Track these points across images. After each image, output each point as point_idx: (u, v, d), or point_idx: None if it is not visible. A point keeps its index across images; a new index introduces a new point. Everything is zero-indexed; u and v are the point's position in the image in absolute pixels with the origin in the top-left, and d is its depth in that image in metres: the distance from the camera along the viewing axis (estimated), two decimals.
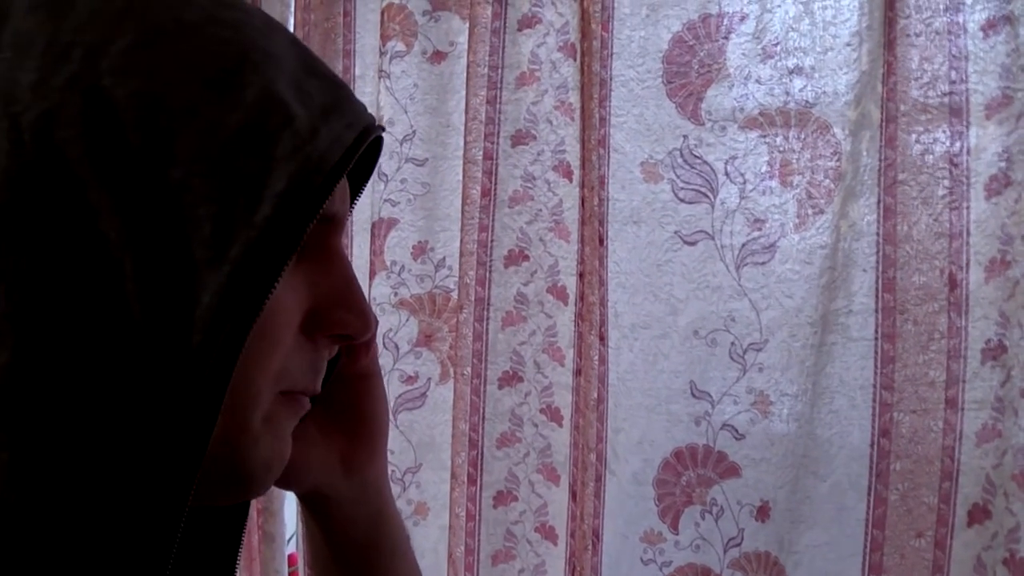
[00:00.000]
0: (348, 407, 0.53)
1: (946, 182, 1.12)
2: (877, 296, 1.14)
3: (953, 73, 1.13)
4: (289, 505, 1.47)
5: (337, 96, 0.41)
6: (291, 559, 1.50)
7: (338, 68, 1.40)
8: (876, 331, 1.14)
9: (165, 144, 0.35)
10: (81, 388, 0.33)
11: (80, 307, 0.33)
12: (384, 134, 0.47)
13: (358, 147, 0.40)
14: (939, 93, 1.13)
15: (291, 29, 1.43)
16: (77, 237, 0.33)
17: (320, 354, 0.45)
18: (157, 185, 0.34)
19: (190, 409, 0.34)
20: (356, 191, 0.50)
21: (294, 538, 1.53)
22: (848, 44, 1.18)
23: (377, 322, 0.54)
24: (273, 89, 0.38)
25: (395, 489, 1.32)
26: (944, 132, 1.14)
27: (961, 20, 1.13)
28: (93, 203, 0.34)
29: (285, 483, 0.53)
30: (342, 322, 0.44)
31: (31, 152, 0.33)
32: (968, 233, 1.11)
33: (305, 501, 0.54)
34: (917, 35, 1.13)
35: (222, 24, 0.38)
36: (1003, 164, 1.10)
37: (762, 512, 1.18)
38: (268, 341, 0.39)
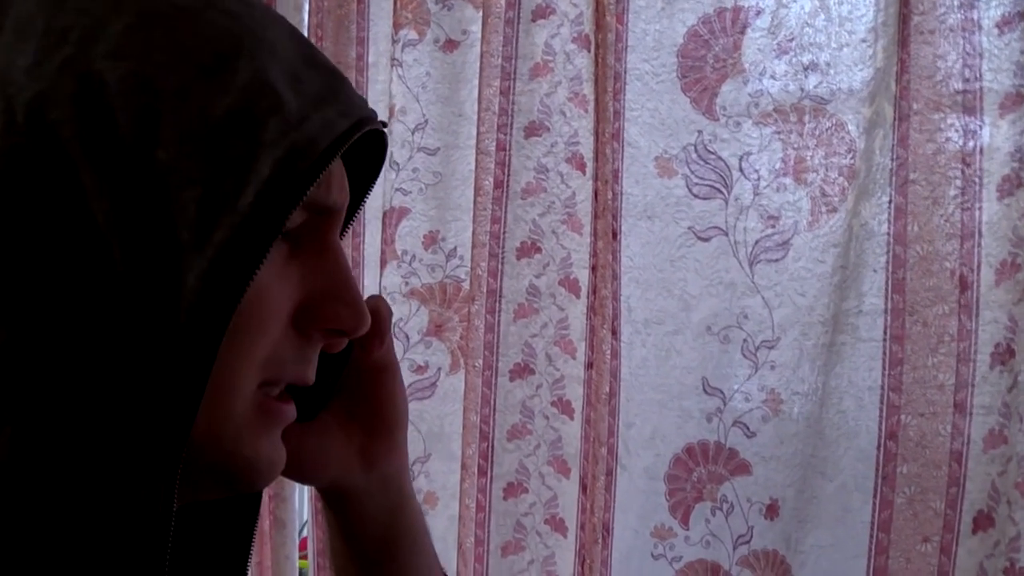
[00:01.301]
0: (365, 400, 0.53)
1: (958, 182, 1.11)
2: (887, 297, 1.14)
3: (967, 71, 1.12)
4: (301, 492, 1.49)
5: (334, 87, 0.41)
6: (302, 544, 1.51)
7: (351, 56, 1.39)
8: (885, 332, 1.14)
9: (153, 126, 0.35)
10: (72, 365, 0.34)
11: (71, 287, 0.34)
12: (396, 122, 0.47)
13: (349, 136, 0.40)
14: (952, 91, 1.12)
15: (305, 16, 1.43)
16: (67, 217, 0.34)
17: (312, 346, 0.44)
18: (144, 167, 0.35)
19: (176, 388, 0.35)
20: (366, 187, 0.50)
21: (307, 525, 1.55)
22: (864, 40, 1.17)
23: (391, 312, 0.53)
24: (265, 75, 0.38)
25: None
26: (957, 131, 1.13)
27: (976, 17, 1.12)
28: (84, 184, 0.34)
29: (304, 478, 0.54)
30: (334, 316, 0.43)
31: (24, 132, 0.34)
32: (980, 234, 1.11)
33: (324, 495, 0.54)
34: (931, 32, 1.12)
35: (220, 11, 0.38)
36: (1016, 164, 1.10)
37: (771, 510, 1.19)
38: (254, 329, 0.39)
